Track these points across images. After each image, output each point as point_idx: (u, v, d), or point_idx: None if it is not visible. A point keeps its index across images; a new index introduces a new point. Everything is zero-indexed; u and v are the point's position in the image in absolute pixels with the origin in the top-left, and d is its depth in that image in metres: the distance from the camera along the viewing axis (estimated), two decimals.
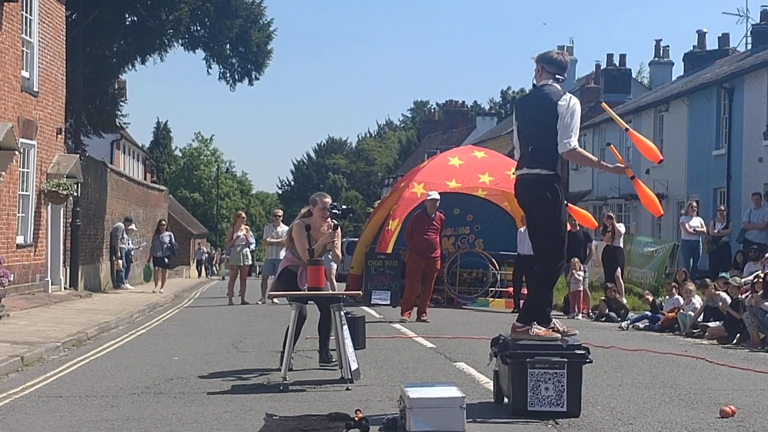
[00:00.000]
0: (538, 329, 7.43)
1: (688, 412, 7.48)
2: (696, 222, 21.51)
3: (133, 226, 28.84)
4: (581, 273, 19.25)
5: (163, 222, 28.05)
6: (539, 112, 7.56)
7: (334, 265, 19.03)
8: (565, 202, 7.69)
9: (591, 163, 7.96)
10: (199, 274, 54.84)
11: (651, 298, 17.52)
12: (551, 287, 7.78)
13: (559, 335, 7.42)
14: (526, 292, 16.93)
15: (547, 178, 7.44)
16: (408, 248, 17.05)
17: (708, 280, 15.83)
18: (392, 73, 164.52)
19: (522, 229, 19.20)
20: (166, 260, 26.63)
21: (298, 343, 10.20)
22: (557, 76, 7.66)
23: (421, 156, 57.66)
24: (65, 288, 22.46)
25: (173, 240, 27.24)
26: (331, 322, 9.32)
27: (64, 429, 6.98)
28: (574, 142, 7.39)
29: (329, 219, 9.59)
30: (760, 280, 13.72)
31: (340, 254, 9.91)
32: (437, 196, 16.80)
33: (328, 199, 9.75)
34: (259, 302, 21.06)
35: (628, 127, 7.90)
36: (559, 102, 7.46)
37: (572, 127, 7.40)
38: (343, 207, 9.63)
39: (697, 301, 15.53)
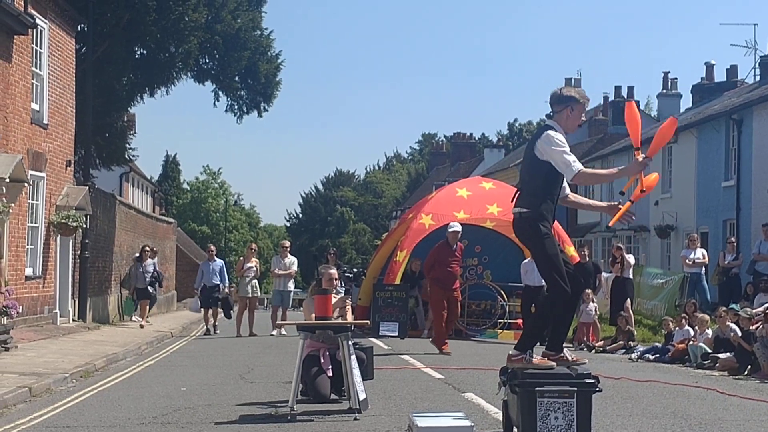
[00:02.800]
0: (532, 357, 7.38)
1: None
2: (698, 254, 21.39)
3: (156, 259, 28.23)
4: (593, 304, 19.19)
5: (147, 249, 25.62)
6: (526, 153, 7.69)
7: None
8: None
9: (604, 177, 7.74)
10: None
11: (672, 326, 17.15)
12: (555, 319, 7.57)
13: (554, 364, 7.35)
14: None
15: (528, 215, 7.47)
16: (429, 279, 17.04)
17: (723, 308, 15.74)
18: (400, 106, 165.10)
19: (526, 260, 19.18)
20: (150, 290, 24.46)
21: None
22: (550, 113, 7.68)
23: (429, 188, 57.74)
24: (73, 320, 22.45)
25: (157, 268, 25.36)
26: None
27: None
28: (576, 166, 7.31)
29: (337, 286, 10.08)
30: None
31: (349, 319, 10.11)
32: (459, 228, 16.82)
33: (333, 271, 10.23)
34: (273, 333, 20.95)
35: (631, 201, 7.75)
36: (536, 146, 7.48)
37: (563, 156, 7.32)
38: (354, 270, 9.97)
39: (711, 332, 15.46)
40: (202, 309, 22.97)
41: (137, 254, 26.69)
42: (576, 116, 7.62)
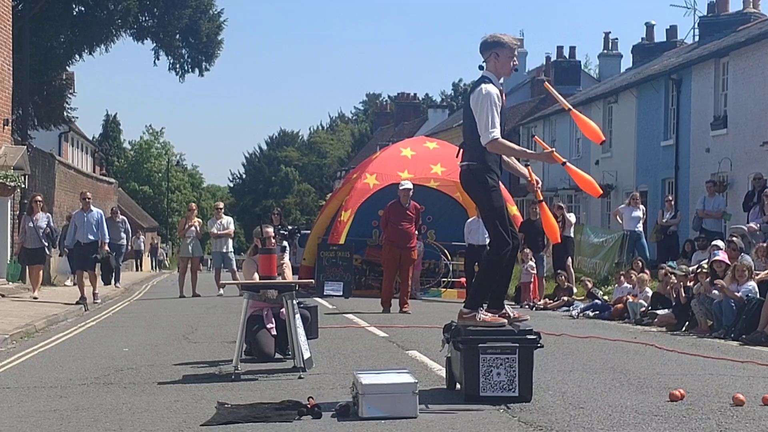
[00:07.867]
0: (484, 315, 7.45)
1: (638, 396, 7.55)
2: (638, 213, 21.56)
3: (120, 217, 26.43)
4: (532, 264, 19.39)
5: (38, 200, 19.91)
6: (465, 108, 7.69)
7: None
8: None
9: (516, 153, 7.83)
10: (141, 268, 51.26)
11: (590, 285, 17.78)
12: (500, 273, 7.64)
13: (506, 321, 7.44)
14: None
15: (476, 168, 7.52)
16: (384, 239, 17.01)
17: (668, 265, 16.04)
18: (344, 66, 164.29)
19: (471, 219, 19.30)
20: (46, 252, 19.83)
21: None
22: (481, 64, 7.68)
23: (373, 148, 57.58)
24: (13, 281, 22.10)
25: (52, 224, 20.06)
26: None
27: (12, 419, 6.87)
28: (494, 133, 7.34)
29: (275, 243, 10.09)
30: (707, 267, 13.92)
31: (289, 278, 10.11)
32: (410, 186, 16.74)
33: (270, 229, 10.18)
34: (221, 293, 20.73)
35: (570, 107, 7.86)
36: (470, 98, 7.53)
37: (488, 118, 7.35)
38: (289, 227, 9.93)
39: (650, 291, 15.72)
40: (76, 272, 18.66)
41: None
42: (504, 61, 7.58)
